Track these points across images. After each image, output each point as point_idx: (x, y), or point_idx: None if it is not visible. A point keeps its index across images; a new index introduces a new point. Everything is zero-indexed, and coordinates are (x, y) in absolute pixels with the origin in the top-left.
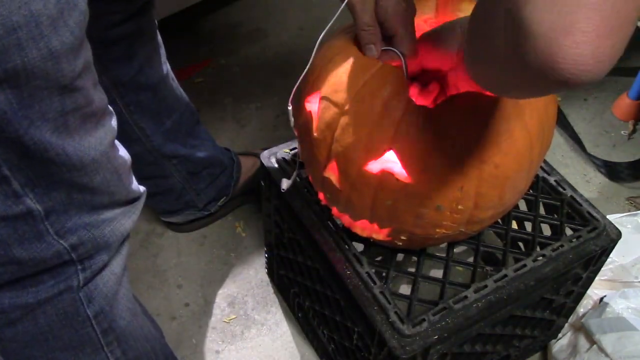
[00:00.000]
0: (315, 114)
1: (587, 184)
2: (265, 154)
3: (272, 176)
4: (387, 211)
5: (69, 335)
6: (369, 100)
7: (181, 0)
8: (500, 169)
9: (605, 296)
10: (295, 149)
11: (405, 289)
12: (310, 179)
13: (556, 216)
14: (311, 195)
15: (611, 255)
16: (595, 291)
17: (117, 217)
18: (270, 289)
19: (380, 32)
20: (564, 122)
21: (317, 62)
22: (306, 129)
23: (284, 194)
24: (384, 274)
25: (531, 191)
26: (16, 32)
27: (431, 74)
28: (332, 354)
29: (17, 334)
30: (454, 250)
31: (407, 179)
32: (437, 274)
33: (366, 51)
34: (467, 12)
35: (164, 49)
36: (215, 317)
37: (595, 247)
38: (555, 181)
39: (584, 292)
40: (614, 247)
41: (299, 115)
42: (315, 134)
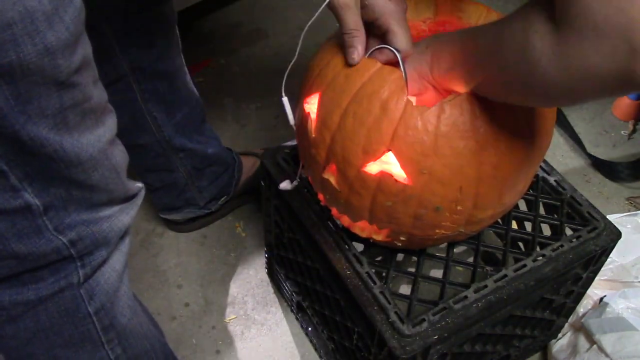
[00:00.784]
0: (313, 114)
1: (587, 184)
2: (265, 154)
3: (272, 176)
4: (386, 212)
5: (70, 331)
6: (367, 101)
7: (181, 0)
8: (499, 170)
9: (605, 296)
10: (295, 148)
11: (405, 289)
12: (309, 180)
13: (556, 216)
14: (311, 195)
15: (611, 255)
16: (595, 291)
17: (115, 213)
18: (270, 289)
19: (364, 36)
20: (564, 122)
21: (316, 63)
22: (305, 130)
23: (284, 194)
24: (384, 274)
25: (531, 191)
26: (11, 28)
27: None
28: (332, 354)
29: (18, 330)
30: (454, 250)
31: (405, 180)
32: (437, 274)
33: (348, 55)
34: (466, 12)
35: (180, 43)
36: (215, 317)
37: (595, 247)
38: (555, 181)
39: (584, 292)
40: (614, 247)
41: (297, 116)
42: (313, 135)
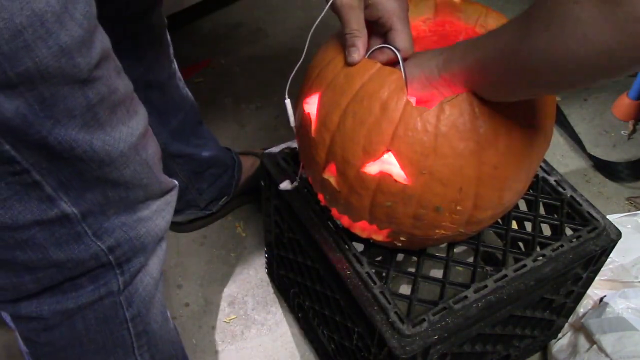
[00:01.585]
0: (313, 115)
1: (587, 184)
2: (265, 154)
3: (272, 176)
4: (386, 213)
5: (104, 338)
6: (367, 101)
7: (181, 0)
8: (499, 170)
9: (605, 296)
10: (295, 148)
11: (405, 289)
12: (309, 180)
13: (556, 216)
14: (311, 195)
15: (611, 255)
16: (595, 291)
17: (152, 216)
18: (270, 289)
19: (366, 37)
20: (564, 122)
21: (316, 63)
22: (305, 130)
23: (284, 194)
24: (384, 274)
25: (531, 191)
26: (22, 34)
27: None
28: (332, 354)
29: (54, 338)
30: (454, 250)
31: (405, 180)
32: (437, 274)
33: (349, 54)
34: (466, 12)
35: (172, 48)
36: (215, 317)
37: (595, 247)
38: (555, 181)
39: (584, 292)
40: (614, 247)
41: (297, 116)
42: (313, 135)
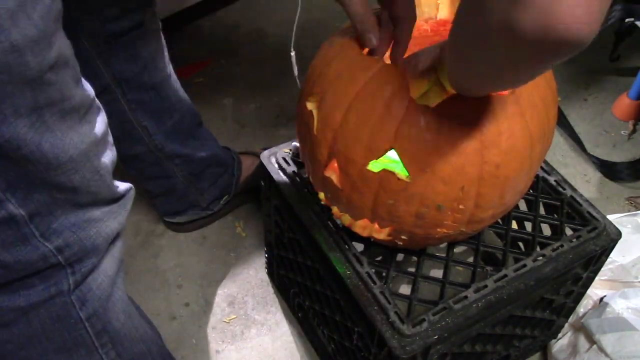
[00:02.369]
0: (316, 113)
1: (587, 184)
2: (265, 154)
3: (272, 176)
4: (388, 211)
5: (63, 337)
6: (370, 99)
7: (181, 0)
8: (501, 169)
9: (605, 296)
10: (295, 147)
11: (405, 289)
12: (310, 179)
13: (556, 216)
14: (311, 195)
15: (611, 255)
16: (595, 291)
17: (103, 217)
18: (270, 289)
19: (375, 20)
20: (564, 122)
21: (319, 61)
22: (307, 128)
23: (284, 194)
24: (384, 274)
25: (531, 191)
26: None
27: None
28: (332, 354)
29: (12, 335)
30: (454, 250)
31: (408, 178)
32: (437, 274)
33: (365, 42)
34: None
35: (167, 50)
36: (215, 317)
37: (595, 247)
38: (555, 181)
39: (584, 292)
40: (614, 247)
41: (299, 115)
42: (315, 134)
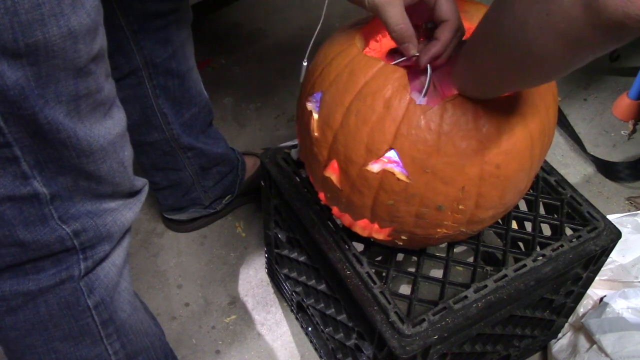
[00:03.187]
0: (315, 113)
1: (587, 184)
2: (265, 154)
3: (272, 176)
4: (387, 211)
5: (69, 325)
6: (370, 99)
7: None
8: (501, 169)
9: (605, 296)
10: (295, 147)
11: (405, 289)
12: (310, 179)
13: (556, 216)
14: (311, 195)
15: (611, 255)
16: (595, 291)
17: (119, 207)
18: (270, 289)
19: (411, 26)
20: (564, 122)
21: (319, 61)
22: (307, 128)
23: (284, 194)
24: (384, 274)
25: (531, 191)
26: (40, 8)
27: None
28: (332, 354)
29: (18, 321)
30: (454, 250)
31: (408, 178)
32: (437, 274)
33: (405, 51)
34: (469, 12)
35: (193, 42)
36: (215, 317)
37: (595, 247)
38: (555, 181)
39: (584, 292)
40: (614, 247)
41: (299, 114)
42: (315, 134)
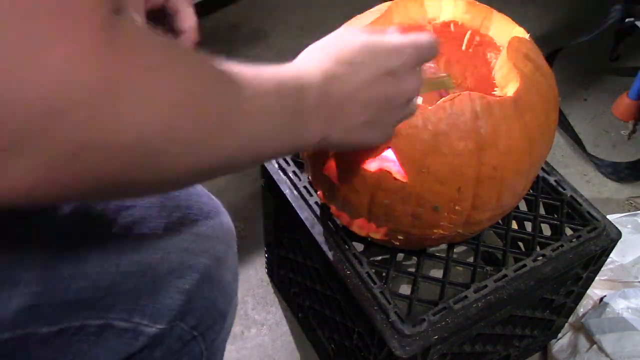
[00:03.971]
0: None
1: (587, 184)
2: None
3: (272, 176)
4: (384, 210)
5: None
6: None
7: None
8: (498, 171)
9: (605, 296)
10: None
11: (405, 289)
12: (309, 178)
13: (556, 216)
14: (311, 195)
15: (611, 255)
16: (595, 291)
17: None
18: (270, 289)
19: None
20: (564, 123)
21: None
22: None
23: (284, 194)
24: (384, 274)
25: (531, 191)
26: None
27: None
28: (332, 354)
29: None
30: (454, 250)
31: (404, 178)
32: (437, 274)
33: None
34: (471, 14)
35: None
36: None
37: (595, 247)
38: (555, 181)
39: (584, 292)
40: (614, 247)
41: None
42: None
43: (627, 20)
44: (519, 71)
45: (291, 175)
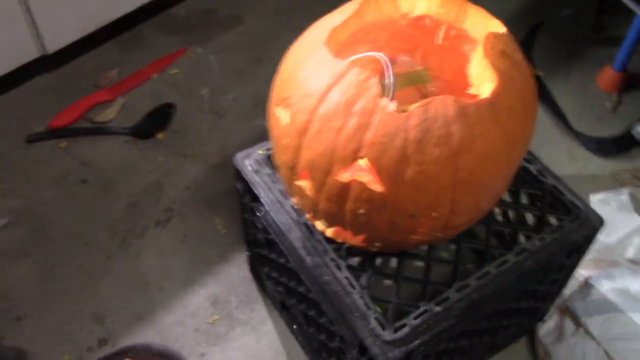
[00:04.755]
0: (285, 119)
1: (573, 161)
2: (239, 156)
3: (246, 178)
4: (360, 220)
5: None
6: (338, 105)
7: None
8: (475, 175)
9: (590, 277)
10: (270, 149)
11: (385, 291)
12: (283, 186)
13: (539, 205)
14: (286, 198)
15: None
16: (580, 271)
17: None
18: (253, 286)
19: None
20: (548, 98)
21: (286, 65)
22: (277, 135)
23: (260, 197)
24: (363, 278)
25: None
26: None
27: None
28: (318, 352)
29: None
30: (435, 247)
31: (379, 187)
32: (420, 271)
33: None
34: (446, 7)
35: None
36: (198, 319)
37: (578, 237)
38: (536, 170)
39: (568, 279)
40: (596, 234)
41: (269, 120)
42: (285, 141)
43: None
44: (496, 69)
45: (266, 178)
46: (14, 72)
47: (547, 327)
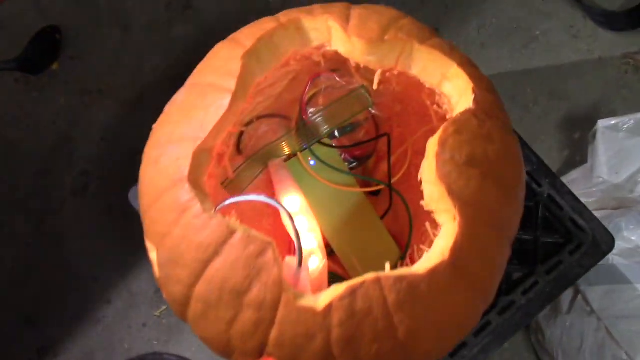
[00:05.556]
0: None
1: (574, 40)
2: (134, 191)
3: None
4: None
5: None
6: (222, 291)
7: None
8: (434, 353)
9: None
10: None
11: None
12: None
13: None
14: None
15: (601, 175)
16: None
17: None
18: None
19: None
20: None
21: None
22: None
23: None
24: None
25: None
26: None
27: None
28: None
29: None
30: None
31: None
32: None
33: None
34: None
35: None
36: (143, 312)
37: (580, 269)
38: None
39: None
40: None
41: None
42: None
43: None
44: (456, 201)
45: None
46: None
47: None
